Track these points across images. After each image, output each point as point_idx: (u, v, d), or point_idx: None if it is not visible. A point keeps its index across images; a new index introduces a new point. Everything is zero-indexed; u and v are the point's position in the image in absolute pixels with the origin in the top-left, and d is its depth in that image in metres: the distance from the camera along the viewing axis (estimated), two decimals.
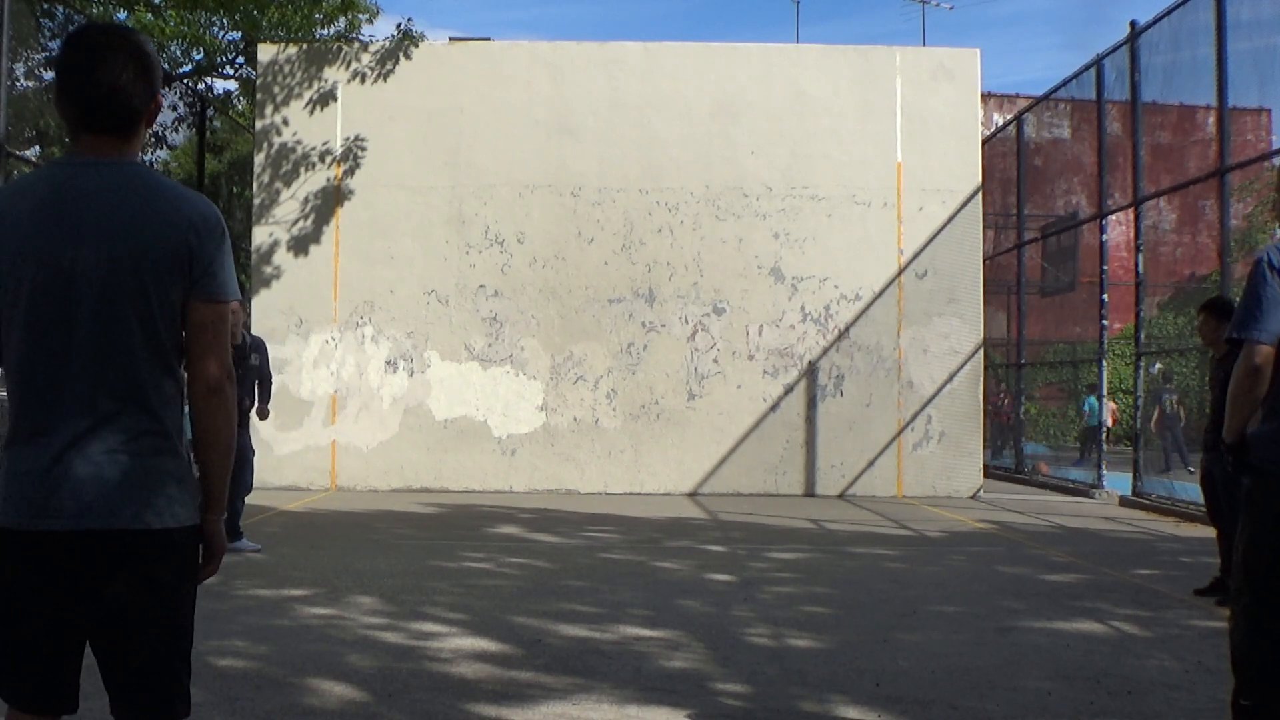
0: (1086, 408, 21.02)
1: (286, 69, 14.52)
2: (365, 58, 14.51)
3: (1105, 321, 14.40)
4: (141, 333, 2.22)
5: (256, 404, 9.14)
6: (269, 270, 14.32)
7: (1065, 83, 15.64)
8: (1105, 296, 14.35)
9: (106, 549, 2.20)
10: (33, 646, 2.25)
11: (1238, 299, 3.59)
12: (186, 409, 2.34)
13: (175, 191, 2.28)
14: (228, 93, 20.43)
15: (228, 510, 2.72)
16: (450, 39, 16.08)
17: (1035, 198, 19.03)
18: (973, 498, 14.00)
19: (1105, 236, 14.43)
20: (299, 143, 14.41)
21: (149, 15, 16.30)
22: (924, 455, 14.28)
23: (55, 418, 2.19)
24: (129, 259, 2.19)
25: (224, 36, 17.60)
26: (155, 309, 2.22)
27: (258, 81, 14.79)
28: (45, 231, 2.18)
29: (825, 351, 14.32)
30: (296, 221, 14.37)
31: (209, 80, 18.87)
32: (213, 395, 2.28)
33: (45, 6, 14.28)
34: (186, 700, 2.34)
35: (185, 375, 2.31)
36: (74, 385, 2.19)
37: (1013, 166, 17.41)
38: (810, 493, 14.18)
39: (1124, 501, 13.26)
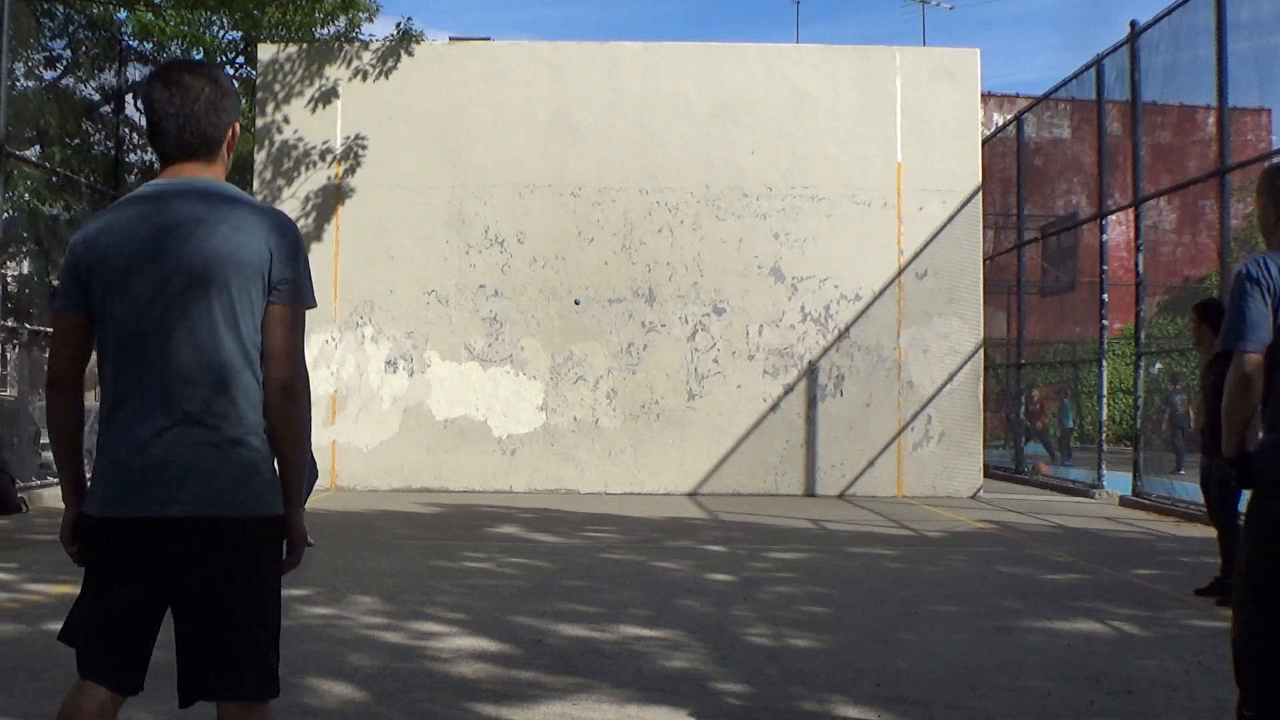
0: (1064, 409, 21.15)
1: (287, 67, 14.52)
2: (366, 56, 14.51)
3: (1105, 321, 14.41)
4: (226, 334, 2.40)
5: None
6: None
7: (1065, 83, 15.65)
8: (1105, 296, 14.36)
9: (194, 535, 2.36)
10: (119, 625, 2.43)
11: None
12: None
13: (254, 205, 2.51)
14: None
15: None
16: (450, 39, 16.08)
17: (1035, 198, 19.03)
18: (973, 498, 14.01)
19: (1105, 236, 14.43)
20: (300, 141, 14.41)
21: (149, 15, 16.29)
22: (924, 455, 14.28)
23: (146, 413, 2.39)
24: (214, 267, 2.40)
25: (224, 36, 17.59)
26: (238, 312, 2.41)
27: (258, 80, 14.78)
28: (140, 244, 2.42)
29: (825, 351, 14.32)
30: (297, 220, 14.30)
31: None
32: (284, 394, 2.44)
33: (45, 6, 14.26)
34: (275, 682, 2.47)
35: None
36: (164, 383, 2.39)
37: (1013, 166, 17.41)
38: (810, 493, 14.18)
39: (1124, 501, 13.26)
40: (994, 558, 8.68)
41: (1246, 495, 3.62)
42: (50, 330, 12.61)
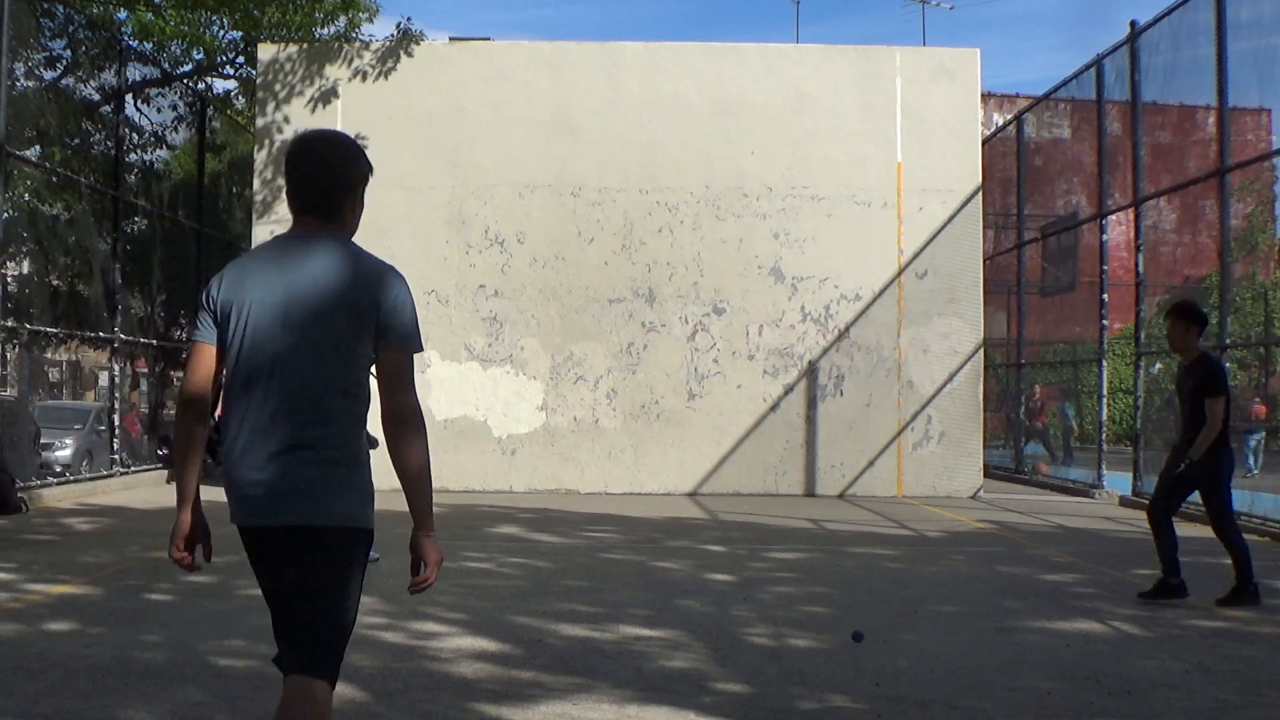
0: (1064, 412, 21.21)
1: (288, 67, 14.52)
2: (366, 56, 14.50)
3: (1105, 321, 14.40)
4: (333, 369, 2.77)
5: None
6: None
7: (1065, 83, 15.64)
8: (1105, 296, 14.35)
9: (296, 540, 2.77)
10: (273, 613, 2.92)
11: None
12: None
13: (369, 259, 2.87)
14: (228, 92, 20.42)
15: None
16: (450, 39, 16.07)
17: (1035, 198, 19.02)
18: (973, 498, 14.00)
19: (1105, 236, 14.43)
20: None
21: (149, 15, 16.29)
22: (924, 455, 14.28)
23: (265, 436, 2.76)
24: (328, 311, 2.77)
25: (224, 36, 17.58)
26: (344, 351, 2.77)
27: (259, 79, 14.78)
28: (268, 284, 2.80)
29: (825, 351, 14.32)
30: None
31: (209, 80, 18.86)
32: (399, 425, 2.79)
33: (45, 6, 14.26)
34: (334, 668, 2.93)
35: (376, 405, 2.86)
36: (278, 410, 2.75)
37: (1013, 166, 17.41)
38: (810, 493, 14.18)
39: (1124, 501, 13.25)
40: (994, 558, 8.68)
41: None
42: (48, 329, 12.59)
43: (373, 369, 2.85)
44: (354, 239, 2.97)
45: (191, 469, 2.96)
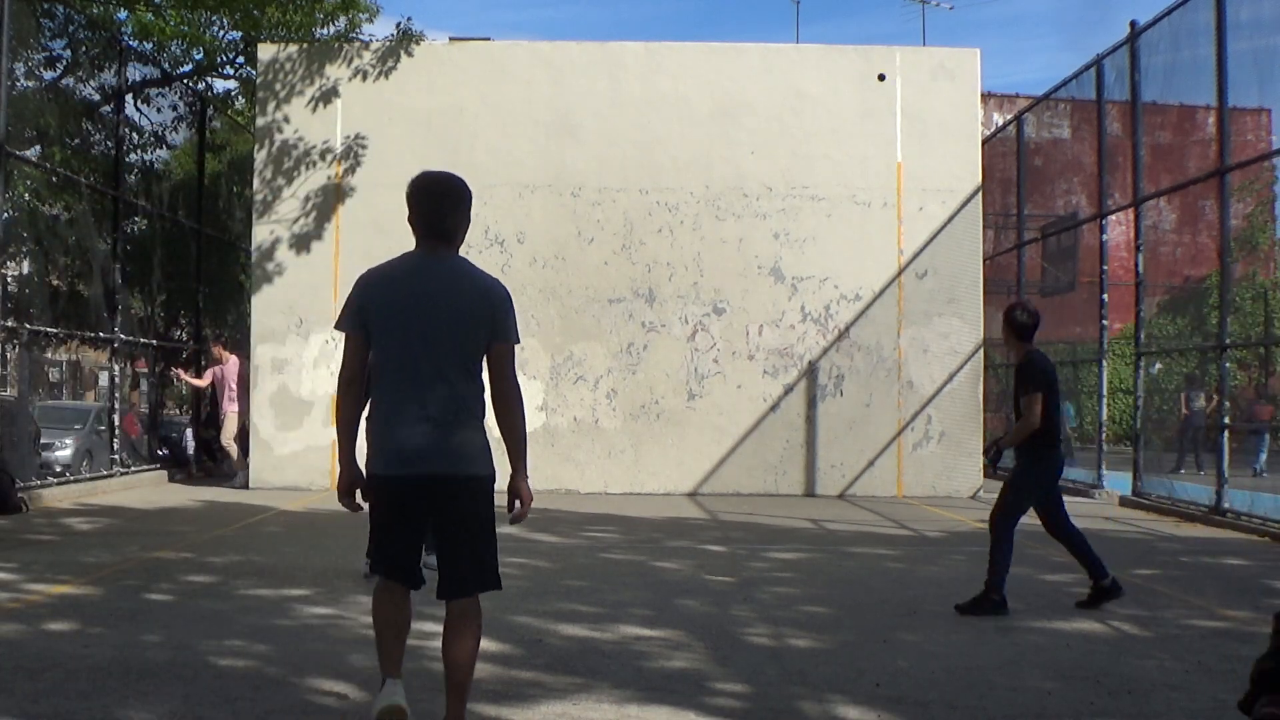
0: (1064, 412, 21.20)
1: (287, 67, 14.51)
2: (366, 56, 14.49)
3: (1105, 321, 14.40)
4: (459, 356, 3.70)
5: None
6: (270, 268, 14.32)
7: (1065, 83, 15.64)
8: (1105, 296, 14.35)
9: (443, 485, 3.66)
10: (404, 545, 3.76)
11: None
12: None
13: (481, 275, 3.85)
14: (228, 92, 20.42)
15: None
16: (450, 39, 16.07)
17: (1035, 198, 19.02)
18: (973, 498, 14.00)
19: (1105, 236, 14.42)
20: (300, 140, 14.40)
21: (149, 15, 16.29)
22: (924, 455, 14.28)
23: (409, 409, 3.65)
24: (452, 313, 3.69)
25: (224, 36, 17.58)
26: (467, 343, 3.71)
27: (259, 79, 14.77)
28: (406, 293, 3.73)
29: (825, 351, 14.31)
30: (297, 219, 14.37)
31: (209, 80, 18.86)
32: (504, 398, 3.76)
33: (45, 6, 14.26)
34: (496, 578, 3.79)
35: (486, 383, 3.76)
36: (418, 387, 3.66)
37: (1013, 166, 17.41)
38: (810, 493, 14.18)
39: (1124, 501, 13.25)
40: None
41: None
42: (48, 329, 12.59)
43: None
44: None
45: (353, 436, 3.84)
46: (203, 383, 15.54)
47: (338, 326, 3.86)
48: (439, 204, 3.85)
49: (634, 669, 4.94)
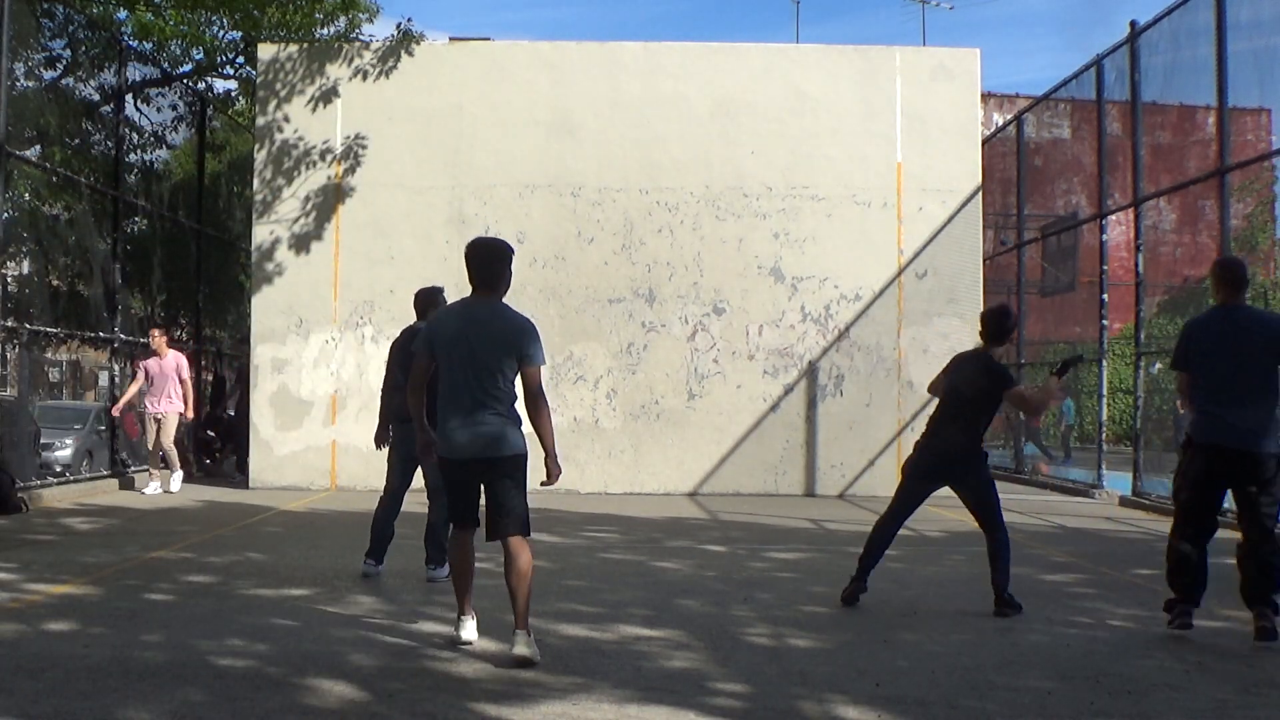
0: (1064, 409, 21.23)
1: (288, 67, 14.50)
2: (366, 56, 14.48)
3: (1105, 321, 14.40)
4: (498, 375, 5.21)
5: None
6: (270, 268, 14.31)
7: (1065, 83, 15.63)
8: (1105, 296, 14.35)
9: (476, 465, 5.23)
10: (469, 500, 5.36)
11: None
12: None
13: (514, 314, 5.39)
14: (228, 92, 20.43)
15: (434, 533, 7.13)
16: (450, 39, 16.07)
17: (1035, 198, 19.03)
18: None
19: (1105, 236, 14.42)
20: (300, 140, 14.39)
21: (149, 15, 16.29)
22: None
23: (460, 410, 5.21)
24: (492, 344, 5.20)
25: (224, 36, 17.58)
26: (504, 368, 5.22)
27: (259, 79, 14.76)
28: (461, 329, 5.25)
29: (825, 351, 14.31)
30: (297, 219, 14.36)
31: (209, 80, 18.86)
32: (533, 405, 5.24)
33: (45, 6, 14.26)
34: (529, 528, 5.28)
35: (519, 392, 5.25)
36: (469, 398, 5.20)
37: (1013, 166, 17.41)
38: (810, 493, 14.17)
39: (1124, 501, 13.25)
40: None
41: None
42: (48, 329, 12.60)
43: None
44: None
45: (423, 415, 5.42)
46: (133, 387, 13.25)
47: (413, 348, 5.50)
48: (487, 263, 5.44)
49: (634, 669, 4.94)
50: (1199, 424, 5.84)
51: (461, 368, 5.18)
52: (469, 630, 5.33)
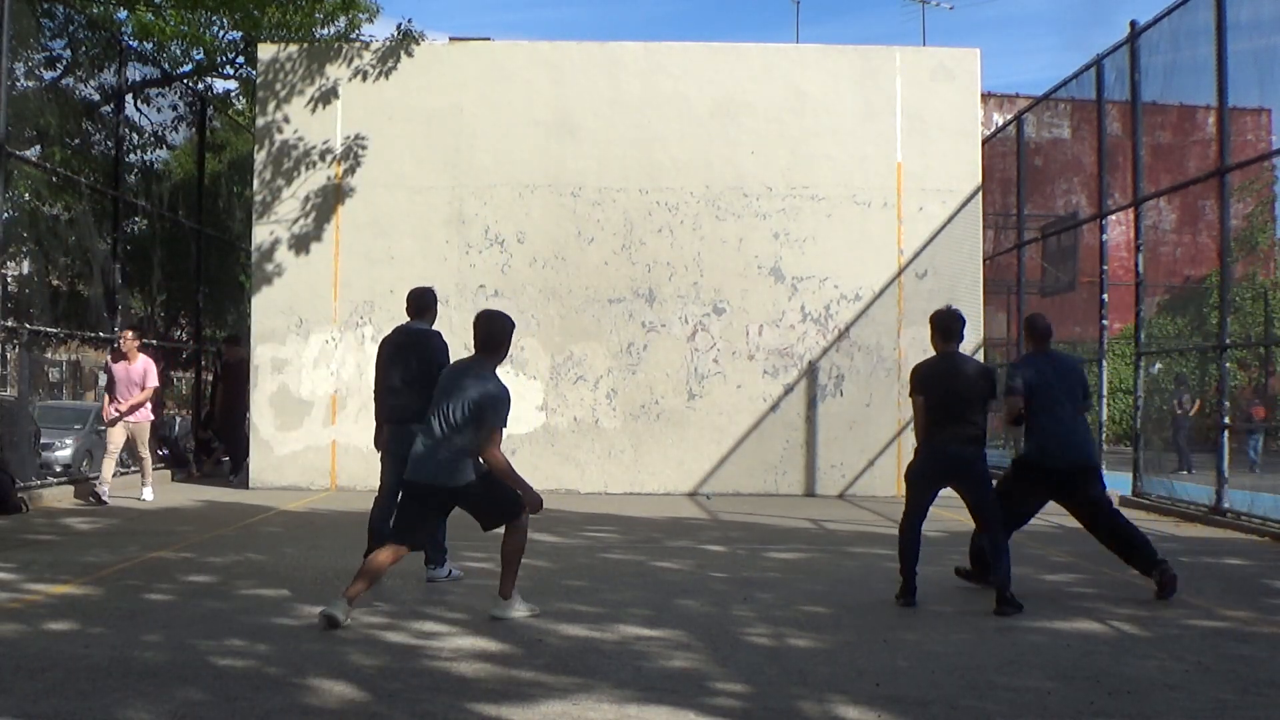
0: None
1: (287, 67, 14.50)
2: (366, 56, 14.48)
3: (1105, 321, 14.39)
4: (459, 424, 5.92)
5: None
6: (270, 269, 14.31)
7: (1065, 83, 15.62)
8: (1105, 296, 14.34)
9: (444, 493, 6.03)
10: (424, 525, 6.12)
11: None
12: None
13: (488, 377, 6.06)
14: (228, 92, 20.43)
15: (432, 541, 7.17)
16: (450, 39, 16.07)
17: (1035, 198, 19.03)
18: None
19: (1105, 236, 14.41)
20: (300, 140, 14.39)
21: (149, 15, 16.29)
22: None
23: (435, 443, 6.00)
24: (464, 397, 5.96)
25: (224, 36, 17.58)
26: (467, 416, 5.92)
27: (259, 79, 14.76)
28: (459, 381, 6.05)
29: (825, 351, 14.31)
30: (297, 220, 14.36)
31: (209, 80, 18.86)
32: (487, 460, 5.96)
33: (45, 6, 14.26)
34: (520, 511, 6.06)
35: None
36: (441, 434, 5.97)
37: (1013, 166, 17.40)
38: (810, 493, 14.17)
39: (1124, 501, 13.23)
40: None
41: None
42: (48, 329, 12.56)
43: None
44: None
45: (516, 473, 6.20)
46: (104, 385, 12.59)
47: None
48: (487, 331, 6.22)
49: (634, 669, 4.94)
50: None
51: (436, 415, 6.27)
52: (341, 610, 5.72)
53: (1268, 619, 6.32)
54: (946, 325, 7.15)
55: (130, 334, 12.46)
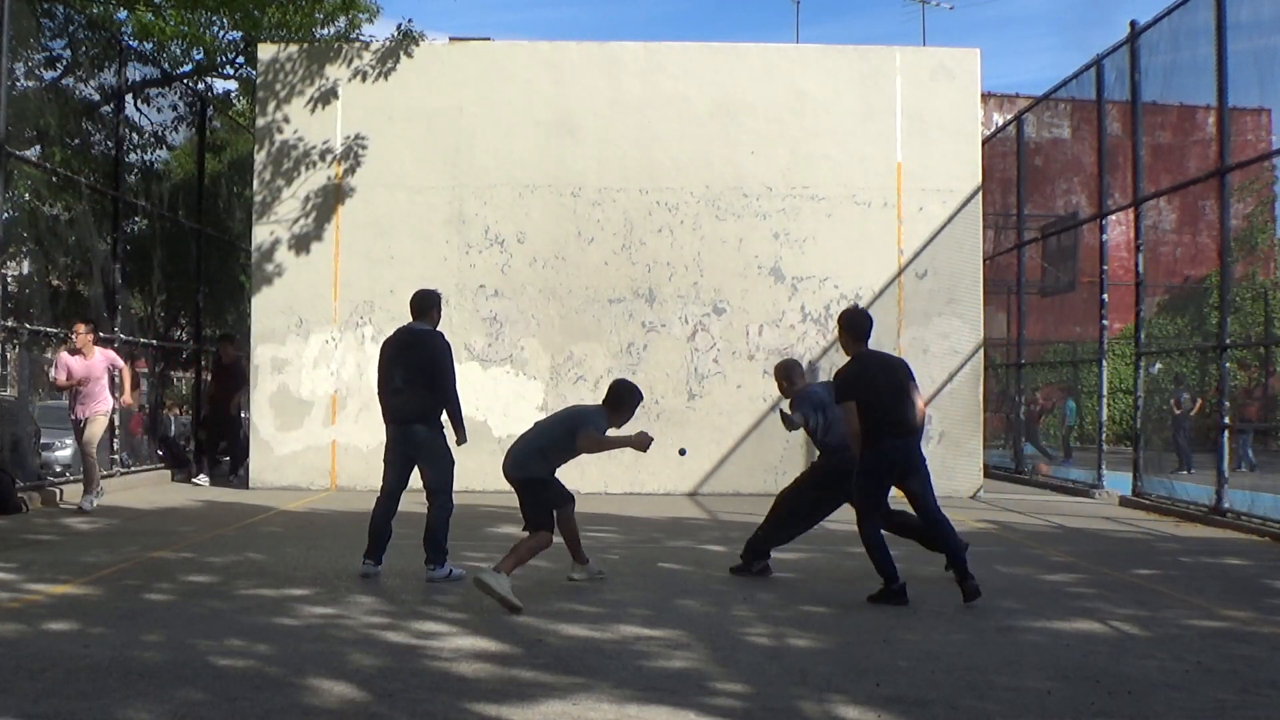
0: (1067, 410, 21.23)
1: (287, 67, 14.50)
2: (366, 56, 14.48)
3: (1105, 321, 14.39)
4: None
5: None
6: (270, 269, 14.31)
7: (1065, 83, 15.63)
8: (1105, 296, 14.34)
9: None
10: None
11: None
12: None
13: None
14: (228, 92, 20.43)
15: (434, 533, 7.75)
16: (450, 39, 16.07)
17: (1035, 198, 19.02)
18: (973, 498, 14.00)
19: (1105, 236, 14.41)
20: (300, 140, 14.39)
21: (149, 15, 16.29)
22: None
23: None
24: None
25: (224, 36, 17.58)
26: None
27: (259, 79, 14.76)
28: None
29: (825, 351, 14.30)
30: (297, 220, 14.36)
31: (209, 80, 18.86)
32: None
33: (45, 6, 14.26)
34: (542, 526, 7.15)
35: None
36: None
37: (1013, 166, 17.40)
38: None
39: (1124, 501, 13.25)
40: (994, 558, 8.67)
41: None
42: (48, 329, 12.57)
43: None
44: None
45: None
46: (60, 382, 11.10)
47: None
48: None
49: (634, 669, 4.94)
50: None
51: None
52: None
53: (1268, 619, 6.32)
54: (860, 325, 7.16)
55: (83, 327, 11.06)
